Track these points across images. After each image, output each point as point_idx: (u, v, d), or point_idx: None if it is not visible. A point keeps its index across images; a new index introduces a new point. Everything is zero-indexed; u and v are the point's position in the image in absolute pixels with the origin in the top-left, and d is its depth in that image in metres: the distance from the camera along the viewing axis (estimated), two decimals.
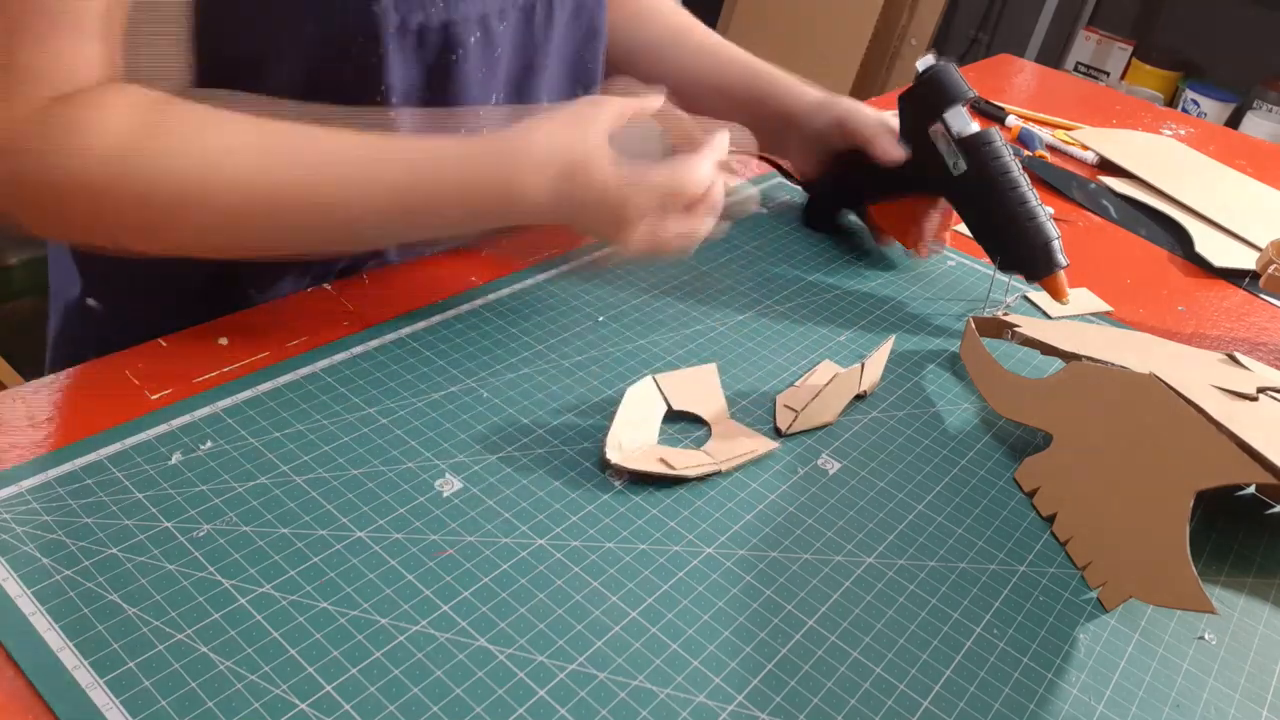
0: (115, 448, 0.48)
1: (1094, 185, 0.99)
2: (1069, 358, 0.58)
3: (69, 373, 0.53)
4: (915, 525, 0.52)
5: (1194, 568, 0.45)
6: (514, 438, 0.53)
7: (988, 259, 0.71)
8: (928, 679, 0.44)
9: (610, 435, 0.53)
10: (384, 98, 0.58)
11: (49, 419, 0.50)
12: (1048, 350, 0.61)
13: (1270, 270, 0.73)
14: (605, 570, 0.46)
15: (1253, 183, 1.05)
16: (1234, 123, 2.35)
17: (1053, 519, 0.53)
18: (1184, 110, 2.39)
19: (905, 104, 0.73)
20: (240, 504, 0.46)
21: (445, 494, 0.49)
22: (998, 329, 0.65)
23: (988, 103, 1.13)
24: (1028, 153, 1.01)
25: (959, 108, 0.69)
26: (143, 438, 0.49)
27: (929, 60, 0.71)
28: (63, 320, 0.70)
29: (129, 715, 0.37)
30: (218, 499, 0.46)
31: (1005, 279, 0.74)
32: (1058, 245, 0.68)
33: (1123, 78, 2.52)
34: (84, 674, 0.38)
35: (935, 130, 0.70)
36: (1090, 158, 1.04)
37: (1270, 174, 1.08)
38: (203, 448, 0.49)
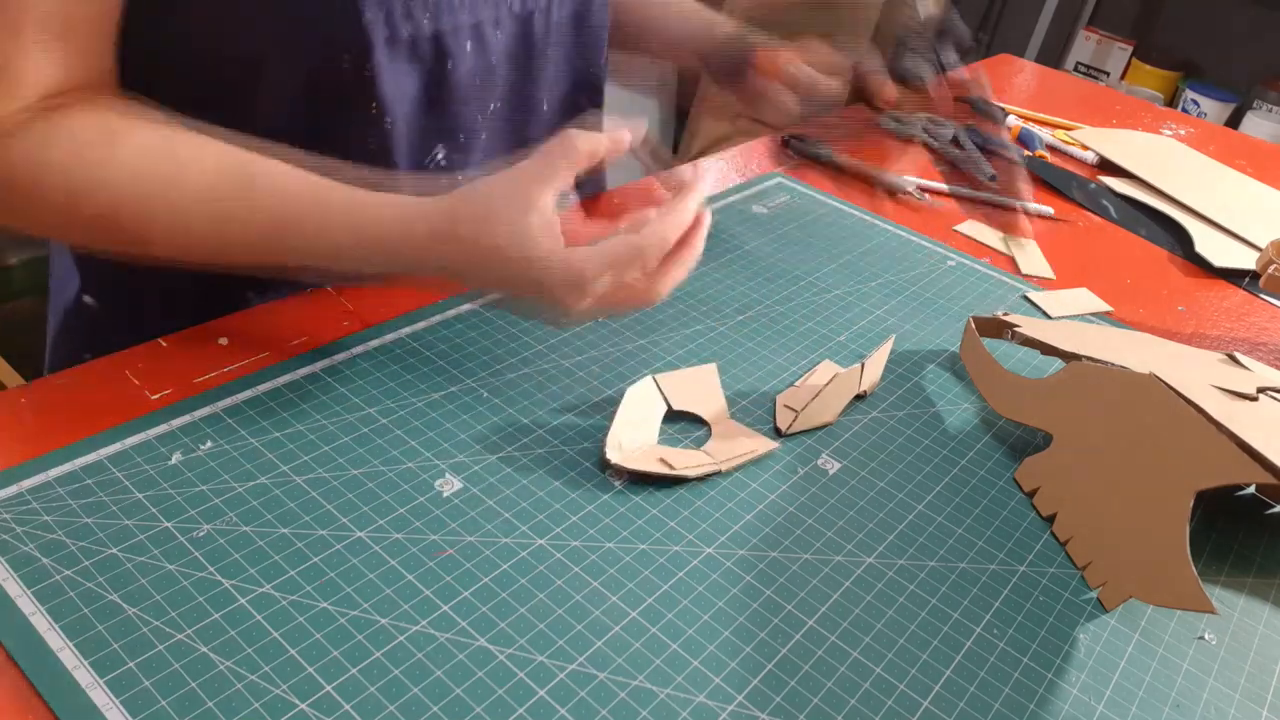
0: (115, 448, 0.48)
1: (1094, 185, 0.99)
2: (1069, 358, 0.58)
3: (69, 373, 0.53)
4: (915, 525, 0.52)
5: (1194, 568, 0.45)
6: (514, 438, 0.53)
7: (988, 259, 0.71)
8: (928, 679, 0.44)
9: (610, 435, 0.53)
10: (379, 108, 0.58)
11: (49, 419, 0.50)
12: (1048, 350, 0.61)
13: (1270, 270, 0.73)
14: (605, 570, 0.46)
15: (1253, 183, 1.05)
16: (1234, 123, 2.35)
17: (1053, 519, 0.53)
18: (1184, 110, 2.39)
19: None
20: (240, 504, 0.46)
21: (445, 494, 0.49)
22: (998, 329, 0.65)
23: (988, 103, 1.13)
24: (1028, 153, 1.01)
25: None
26: (143, 438, 0.49)
27: None
28: (62, 319, 0.70)
29: (129, 715, 0.37)
30: (218, 499, 0.46)
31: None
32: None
33: (1123, 78, 2.52)
34: (84, 674, 0.38)
35: None
36: (1090, 158, 1.04)
37: (1270, 174, 1.08)
38: (203, 448, 0.49)
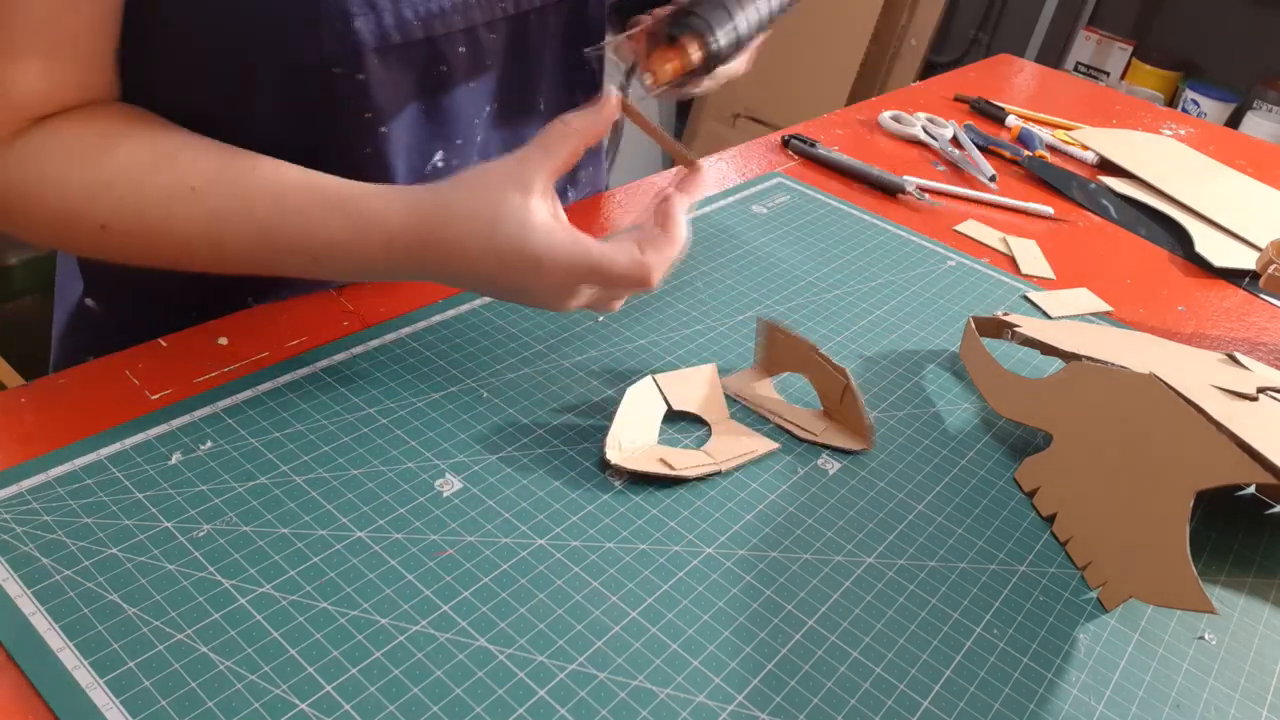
0: (115, 448, 0.48)
1: (1094, 185, 0.99)
2: (1069, 358, 0.58)
3: (69, 372, 0.53)
4: (915, 525, 0.52)
5: (1194, 568, 0.45)
6: (514, 438, 0.53)
7: (988, 259, 0.70)
8: (928, 679, 0.44)
9: (610, 435, 0.53)
10: (373, 114, 0.58)
11: (49, 419, 0.50)
12: (1048, 350, 0.61)
13: (1270, 270, 0.73)
14: (605, 570, 0.46)
15: (1253, 183, 1.05)
16: (1234, 123, 2.35)
17: (1053, 519, 0.53)
18: (1184, 110, 2.39)
19: None
20: (240, 504, 0.46)
21: (445, 494, 0.49)
22: (998, 329, 0.65)
23: (988, 103, 1.13)
24: (1028, 153, 1.01)
25: None
26: (143, 438, 0.49)
27: None
28: (66, 322, 0.70)
29: (129, 715, 0.37)
30: (218, 499, 0.46)
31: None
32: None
33: (1123, 78, 2.52)
34: (84, 674, 0.38)
35: None
36: (1090, 158, 1.04)
37: (1270, 174, 1.08)
38: (203, 448, 0.49)
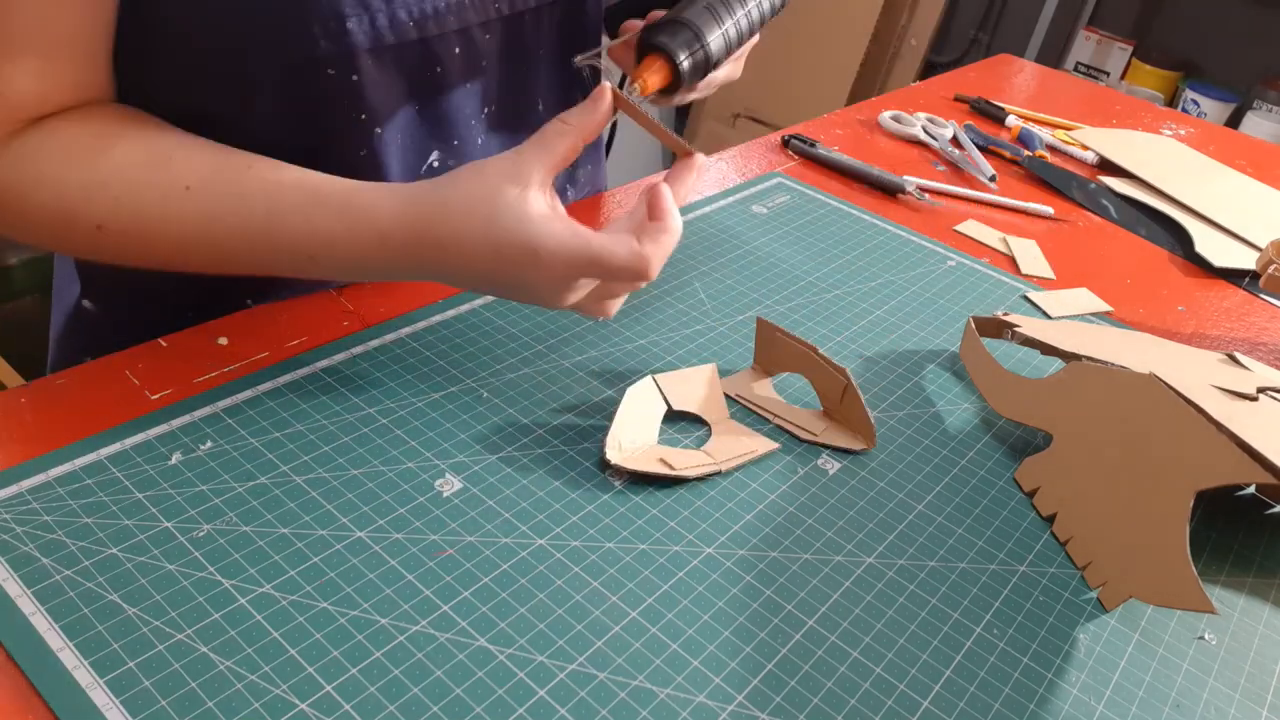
0: (115, 448, 0.48)
1: (1094, 185, 0.99)
2: (1069, 358, 0.58)
3: (69, 373, 0.53)
4: (915, 525, 0.52)
5: (1194, 568, 0.45)
6: (514, 438, 0.53)
7: (988, 259, 0.71)
8: (928, 679, 0.44)
9: (610, 435, 0.53)
10: (368, 115, 0.58)
11: (49, 419, 0.50)
12: (1048, 350, 0.61)
13: (1270, 270, 0.73)
14: (605, 570, 0.46)
15: (1253, 183, 1.05)
16: (1234, 123, 2.35)
17: (1053, 519, 0.53)
18: (1184, 110, 2.39)
19: None
20: (240, 504, 0.46)
21: (445, 494, 0.49)
22: (998, 329, 0.65)
23: (988, 103, 1.13)
24: (1028, 153, 1.01)
25: None
26: (143, 438, 0.49)
27: None
28: (63, 323, 0.70)
29: (129, 715, 0.37)
30: (218, 499, 0.46)
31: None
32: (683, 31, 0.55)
33: (1123, 78, 2.52)
34: (84, 674, 0.38)
35: None
36: (1090, 158, 1.04)
37: (1270, 174, 1.08)
38: (203, 448, 0.49)
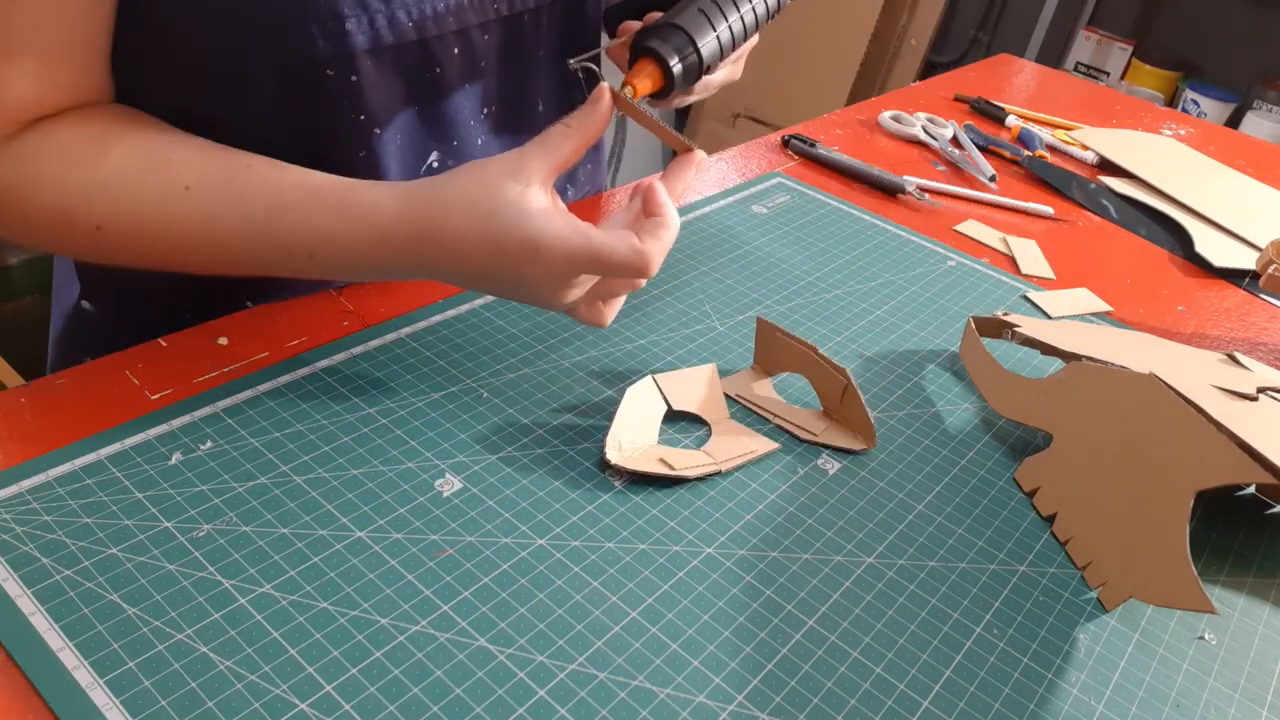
0: (115, 448, 0.48)
1: (1094, 185, 0.99)
2: (1069, 358, 0.58)
3: (69, 373, 0.53)
4: (915, 525, 0.52)
5: (1194, 568, 0.45)
6: (514, 438, 0.53)
7: (988, 259, 0.71)
8: (928, 679, 0.44)
9: (610, 435, 0.53)
10: (367, 116, 0.58)
11: (49, 419, 0.50)
12: (1048, 350, 0.61)
13: (1270, 270, 0.73)
14: (605, 570, 0.46)
15: (1253, 183, 1.05)
16: (1234, 123, 2.35)
17: (1053, 519, 0.53)
18: (1184, 110, 2.39)
19: None
20: (240, 504, 0.46)
21: (445, 494, 0.49)
22: (998, 329, 0.65)
23: (988, 103, 1.13)
24: (1028, 153, 1.01)
25: None
26: (143, 438, 0.49)
27: None
28: (63, 324, 0.70)
29: (129, 715, 0.37)
30: (218, 499, 0.46)
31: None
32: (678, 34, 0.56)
33: (1123, 78, 2.52)
34: (84, 674, 0.38)
35: None
36: (1090, 158, 1.04)
37: (1270, 174, 1.08)
38: (203, 448, 0.49)
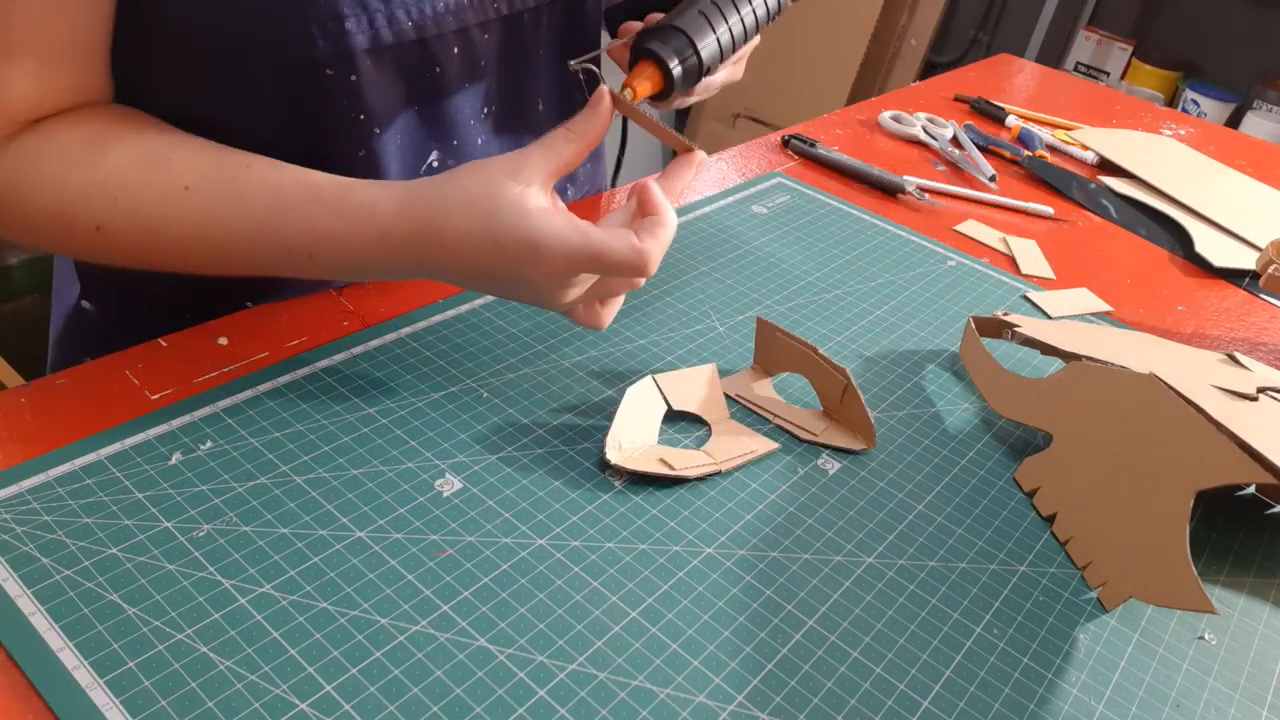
0: (115, 448, 0.48)
1: (1094, 185, 0.99)
2: (1069, 358, 0.58)
3: (69, 373, 0.53)
4: (915, 525, 0.52)
5: (1194, 568, 0.45)
6: (514, 438, 0.53)
7: (988, 259, 0.71)
8: (928, 679, 0.44)
9: (610, 435, 0.53)
10: (366, 115, 0.58)
11: (49, 419, 0.50)
12: (1048, 350, 0.61)
13: (1270, 270, 0.73)
14: (605, 570, 0.46)
15: (1253, 183, 1.05)
16: (1234, 123, 2.35)
17: (1053, 519, 0.53)
18: (1184, 110, 2.39)
19: None
20: (240, 504, 0.46)
21: (445, 494, 0.49)
22: (998, 329, 0.65)
23: (988, 103, 1.13)
24: (1028, 153, 1.01)
25: None
26: (143, 438, 0.49)
27: None
28: (63, 324, 0.70)
29: (129, 715, 0.37)
30: (218, 499, 0.46)
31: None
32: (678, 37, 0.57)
33: (1123, 78, 2.52)
34: (84, 674, 0.38)
35: None
36: (1090, 158, 1.04)
37: (1270, 174, 1.08)
38: (203, 448, 0.49)
